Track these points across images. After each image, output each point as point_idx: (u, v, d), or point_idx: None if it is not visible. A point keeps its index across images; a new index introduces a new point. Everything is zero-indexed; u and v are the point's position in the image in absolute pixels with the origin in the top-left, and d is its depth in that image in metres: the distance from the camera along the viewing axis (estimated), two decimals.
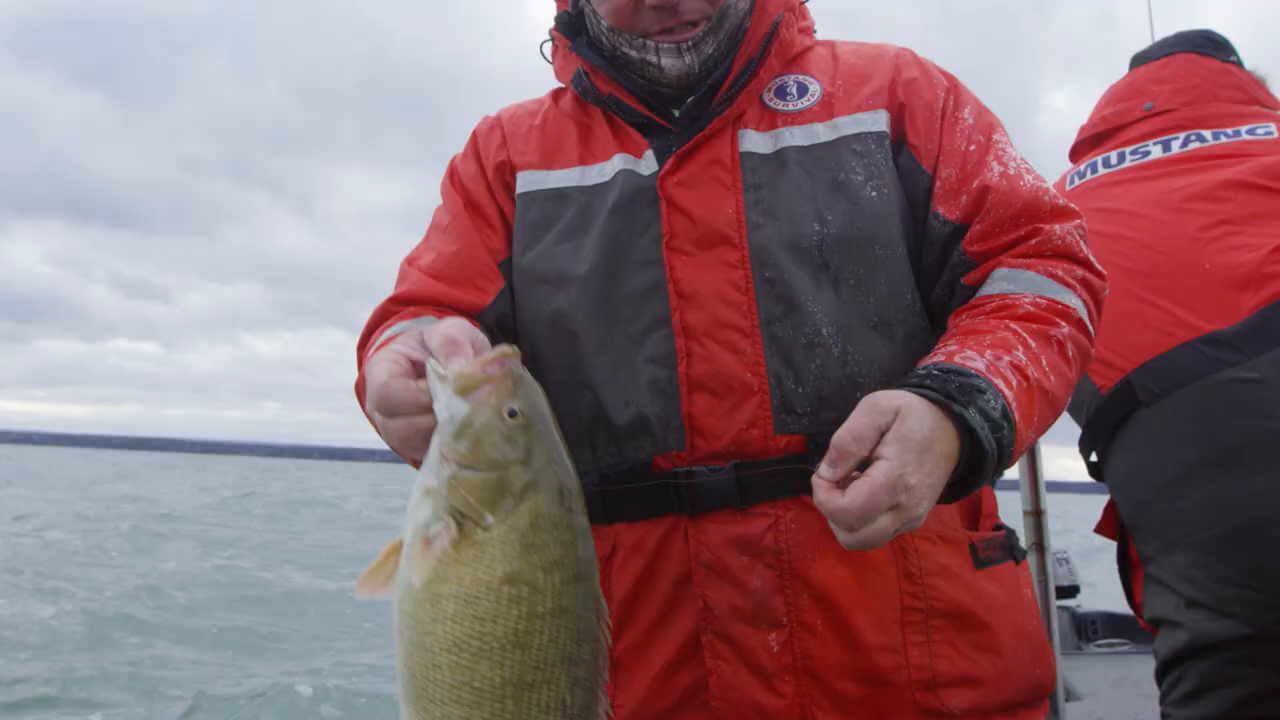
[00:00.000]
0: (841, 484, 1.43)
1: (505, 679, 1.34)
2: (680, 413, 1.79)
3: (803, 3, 2.07)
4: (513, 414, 1.38)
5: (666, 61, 1.90)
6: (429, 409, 1.40)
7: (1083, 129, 3.30)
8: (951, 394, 1.52)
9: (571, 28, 2.05)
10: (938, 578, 1.78)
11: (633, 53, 1.93)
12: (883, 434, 1.45)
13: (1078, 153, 3.31)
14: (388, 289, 2.00)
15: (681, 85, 1.93)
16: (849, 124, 1.91)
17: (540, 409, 1.42)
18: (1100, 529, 2.97)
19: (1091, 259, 1.86)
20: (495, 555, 1.35)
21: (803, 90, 1.96)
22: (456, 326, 1.44)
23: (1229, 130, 2.95)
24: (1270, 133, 2.90)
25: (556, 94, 2.16)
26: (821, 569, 1.73)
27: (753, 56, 1.91)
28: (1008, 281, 1.79)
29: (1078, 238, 1.86)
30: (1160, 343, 2.69)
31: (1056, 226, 1.84)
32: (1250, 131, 2.93)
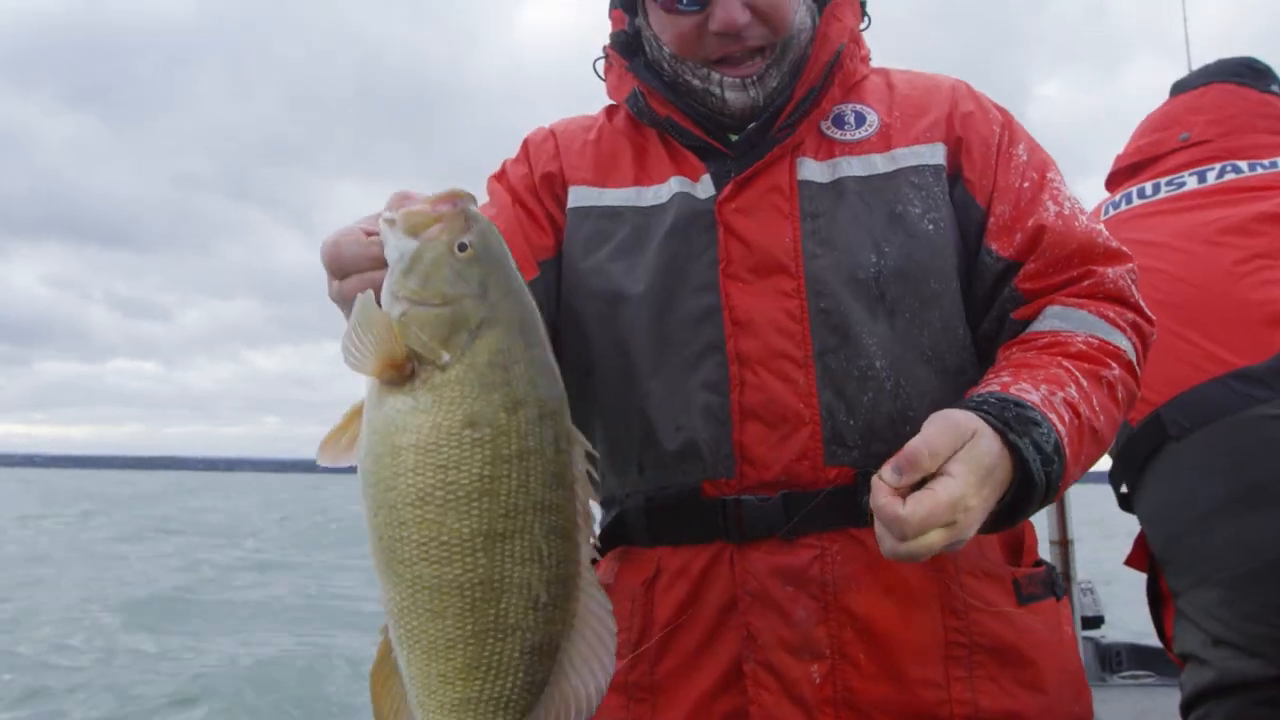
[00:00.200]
0: (901, 492, 1.41)
1: (474, 530, 1.28)
2: (731, 440, 1.78)
3: (862, 30, 2.06)
4: (463, 248, 1.32)
5: (731, 95, 1.90)
6: (383, 263, 1.35)
7: (1119, 159, 3.29)
8: (1009, 423, 1.52)
9: (628, 48, 2.05)
10: (982, 613, 1.77)
11: (696, 82, 1.93)
12: (955, 451, 1.45)
13: (1114, 182, 3.31)
14: None
15: (744, 118, 1.93)
16: (907, 156, 1.90)
17: (493, 244, 1.36)
18: (1131, 561, 2.96)
19: (1142, 304, 1.87)
20: (454, 397, 1.28)
21: (860, 120, 1.95)
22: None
23: (1265, 161, 2.95)
24: None
25: (610, 111, 2.14)
26: (866, 602, 1.73)
27: (815, 85, 1.91)
28: (1060, 319, 1.80)
29: (1129, 282, 1.86)
30: (1191, 377, 2.69)
31: (1110, 270, 1.84)
32: None
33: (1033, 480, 1.52)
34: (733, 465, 1.78)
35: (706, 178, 1.91)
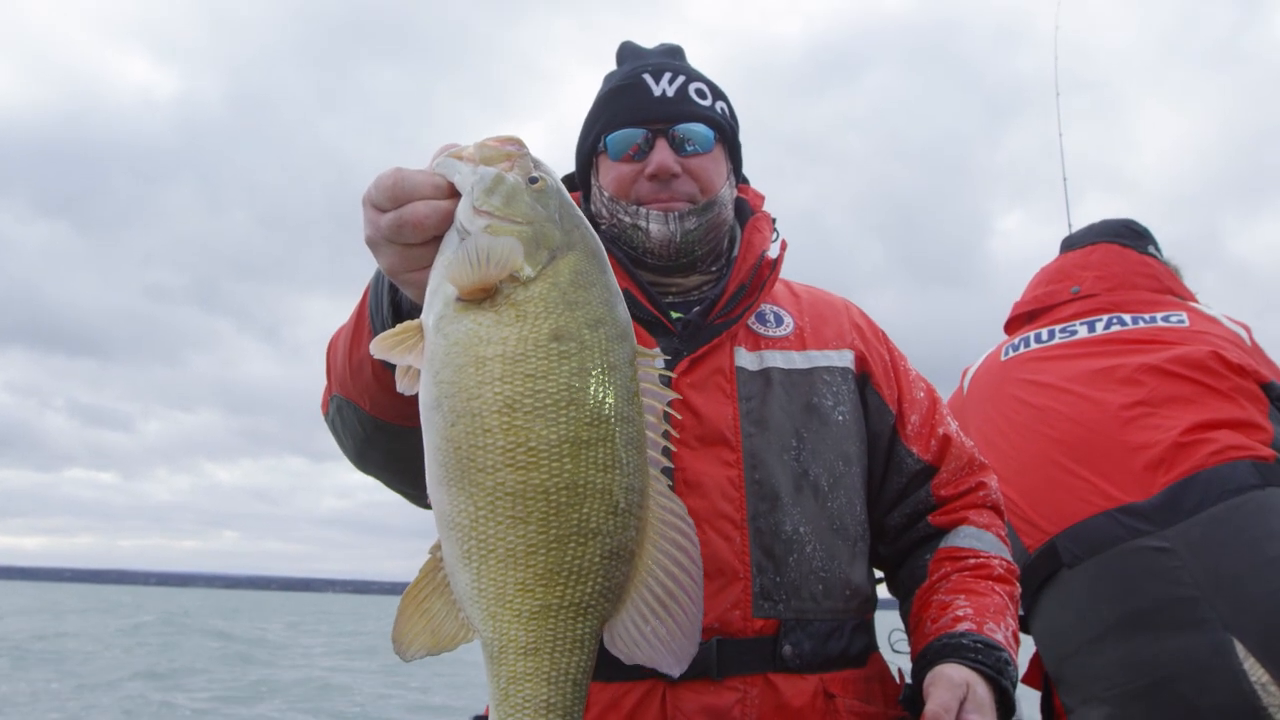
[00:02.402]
0: None
1: (561, 436, 1.30)
2: None
3: (774, 223, 2.33)
4: (534, 180, 1.41)
5: (654, 227, 2.14)
6: (448, 192, 1.42)
7: (1017, 305, 3.64)
8: (1000, 670, 1.94)
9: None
10: None
11: (626, 218, 2.17)
12: (962, 702, 1.83)
13: (1012, 326, 3.64)
14: None
15: (661, 255, 2.16)
16: (819, 358, 2.22)
17: (560, 183, 1.45)
18: (1026, 679, 3.17)
19: (1002, 506, 2.34)
20: (539, 312, 1.32)
21: (779, 320, 2.26)
22: None
23: (1146, 316, 3.29)
24: (1183, 321, 3.25)
25: None
26: None
27: (744, 281, 2.18)
28: (976, 540, 2.20)
29: (998, 491, 2.34)
30: (1082, 510, 2.99)
31: (990, 481, 2.32)
32: (1165, 319, 3.27)
33: (1012, 707, 1.97)
34: None
35: (659, 358, 2.14)
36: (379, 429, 1.82)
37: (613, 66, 2.34)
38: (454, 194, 1.41)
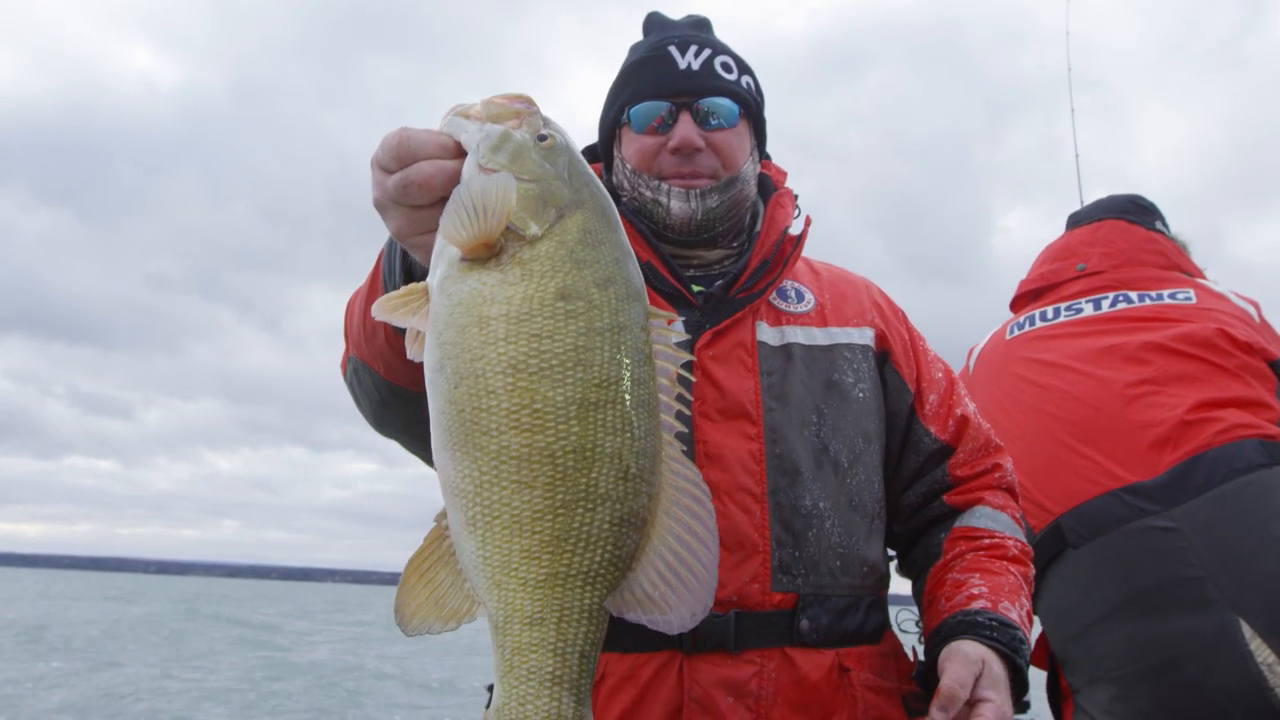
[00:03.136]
0: None
1: (568, 398, 1.26)
2: None
3: (796, 200, 2.32)
4: (543, 139, 1.37)
5: (675, 204, 2.13)
6: (454, 152, 1.38)
7: (1022, 283, 3.60)
8: (1015, 648, 1.95)
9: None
10: None
11: (647, 193, 2.16)
12: (977, 678, 1.81)
13: (1018, 304, 3.60)
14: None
15: (682, 231, 2.15)
16: (840, 334, 2.21)
17: (570, 140, 1.41)
18: (1032, 660, 3.13)
19: (1017, 489, 2.34)
20: (545, 271, 1.28)
21: (800, 296, 2.24)
22: None
23: (1153, 293, 3.25)
24: (1189, 298, 3.21)
25: None
26: (783, 716, 1.94)
27: (767, 257, 2.17)
28: (992, 521, 2.19)
29: (1013, 474, 2.34)
30: (1087, 490, 2.96)
31: (1006, 464, 2.32)
32: (1171, 296, 3.23)
33: (1025, 684, 1.98)
34: None
35: (679, 324, 2.12)
36: (394, 393, 1.81)
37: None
38: (461, 153, 1.37)
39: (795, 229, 2.25)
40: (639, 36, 2.33)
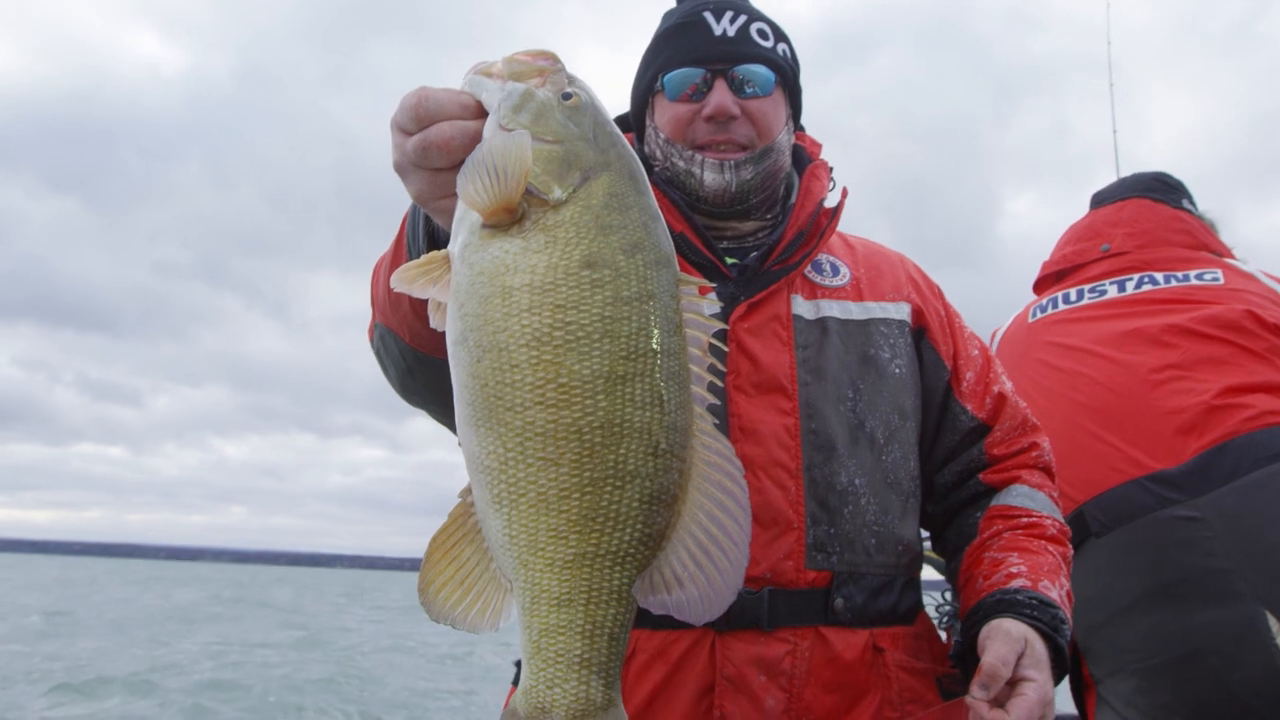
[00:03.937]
0: (995, 702, 1.75)
1: (595, 371, 1.20)
2: None
3: (830, 191, 2.25)
4: (567, 97, 1.30)
5: (709, 176, 2.08)
6: (476, 112, 1.32)
7: (1045, 265, 3.51)
8: (1055, 627, 1.91)
9: None
10: (914, 704, 1.98)
11: (680, 164, 2.10)
12: (1020, 657, 1.77)
13: (1041, 286, 3.51)
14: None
15: (716, 202, 2.10)
16: (876, 309, 2.16)
17: (596, 98, 1.33)
18: None
19: (1054, 469, 2.29)
20: (569, 238, 1.23)
21: (835, 270, 2.19)
22: None
23: (1179, 274, 3.16)
24: (1217, 279, 3.12)
25: None
26: (821, 696, 1.91)
27: (803, 229, 2.11)
28: (1029, 499, 2.15)
29: (1050, 453, 2.30)
30: (1110, 478, 2.88)
31: (1043, 443, 2.27)
32: (1199, 277, 3.14)
33: (1065, 664, 1.93)
34: None
35: (712, 295, 2.08)
36: (419, 360, 1.75)
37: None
38: (482, 114, 1.31)
39: (831, 201, 2.19)
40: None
